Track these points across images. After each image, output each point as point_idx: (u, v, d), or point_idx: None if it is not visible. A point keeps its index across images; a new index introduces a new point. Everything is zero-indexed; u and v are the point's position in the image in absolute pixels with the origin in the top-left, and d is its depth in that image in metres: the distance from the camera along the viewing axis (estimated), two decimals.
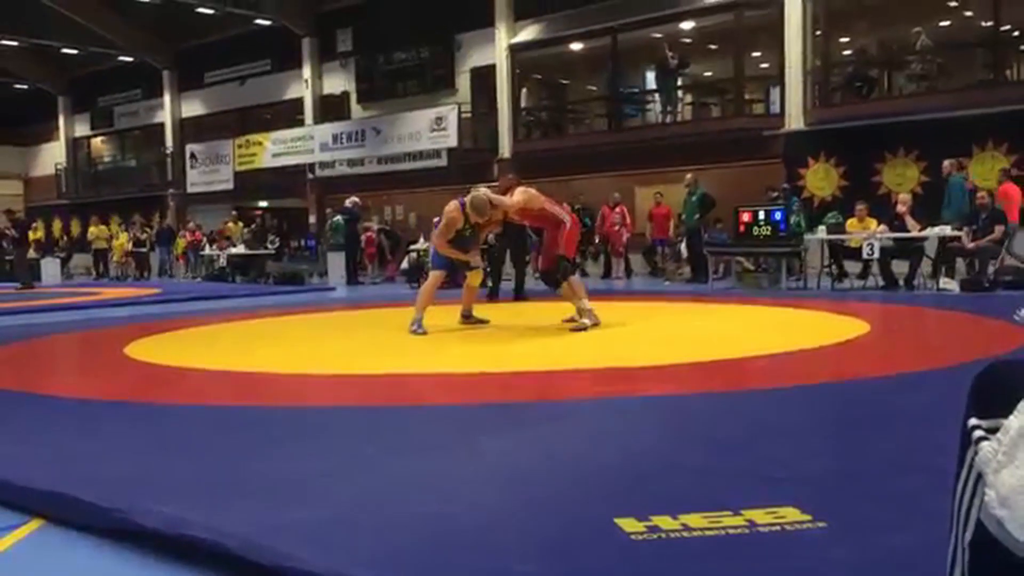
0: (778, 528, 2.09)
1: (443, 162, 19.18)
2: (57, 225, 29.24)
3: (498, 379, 4.84)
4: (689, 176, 14.22)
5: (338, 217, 19.76)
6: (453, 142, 18.91)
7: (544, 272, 7.25)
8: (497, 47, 18.91)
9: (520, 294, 11.00)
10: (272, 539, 2.08)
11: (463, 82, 19.93)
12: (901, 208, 10.85)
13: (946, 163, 11.96)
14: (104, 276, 22.05)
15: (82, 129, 29.81)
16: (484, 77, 19.35)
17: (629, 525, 2.12)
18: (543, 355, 5.68)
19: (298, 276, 17.00)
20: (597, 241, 16.00)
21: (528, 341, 6.58)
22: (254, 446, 3.27)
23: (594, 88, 19.37)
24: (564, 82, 20.40)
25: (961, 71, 14.44)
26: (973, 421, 1.12)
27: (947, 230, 10.48)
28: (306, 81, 22.62)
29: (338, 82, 22.34)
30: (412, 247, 16.33)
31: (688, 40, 17.53)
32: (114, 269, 22.14)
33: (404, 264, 16.88)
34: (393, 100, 20.68)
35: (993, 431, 1.08)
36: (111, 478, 2.75)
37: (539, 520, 2.27)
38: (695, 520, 2.14)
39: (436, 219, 14.77)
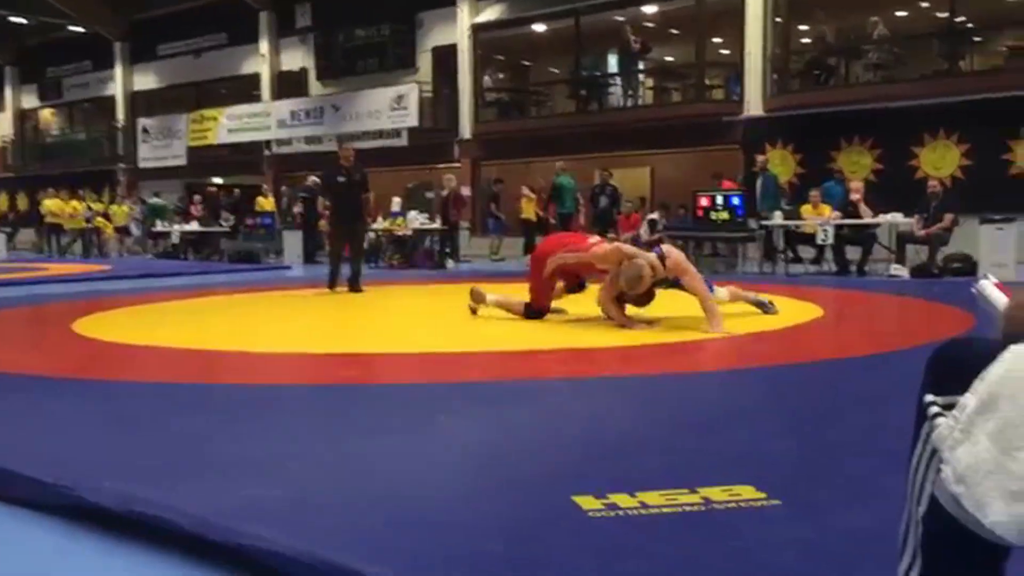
0: (734, 506, 2.11)
1: (403, 142, 19.04)
2: (3, 199, 28.49)
3: (460, 359, 4.82)
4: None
5: (155, 199, 19.86)
6: (414, 122, 18.77)
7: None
8: (459, 27, 18.77)
9: (355, 286, 9.27)
10: (228, 518, 2.04)
11: (424, 61, 19.77)
12: (855, 196, 11.04)
13: (760, 158, 12.91)
14: (55, 252, 21.44)
15: (30, 101, 29.04)
16: (446, 57, 19.21)
17: (587, 503, 2.12)
18: (506, 336, 5.67)
19: (253, 254, 16.77)
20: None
21: (491, 323, 6.57)
22: (208, 424, 3.21)
23: (557, 71, 19.34)
24: (526, 64, 20.34)
25: (917, 61, 14.68)
26: (929, 397, 1.13)
27: (899, 217, 10.67)
28: (263, 56, 22.25)
29: (296, 58, 22.01)
30: (371, 227, 16.20)
31: (651, 24, 17.57)
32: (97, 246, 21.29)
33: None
34: (353, 77, 20.44)
35: (949, 408, 1.09)
36: (57, 456, 2.68)
37: (498, 498, 2.26)
38: (652, 498, 2.15)
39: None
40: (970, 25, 14.53)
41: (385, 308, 8.19)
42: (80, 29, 25.43)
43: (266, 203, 18.10)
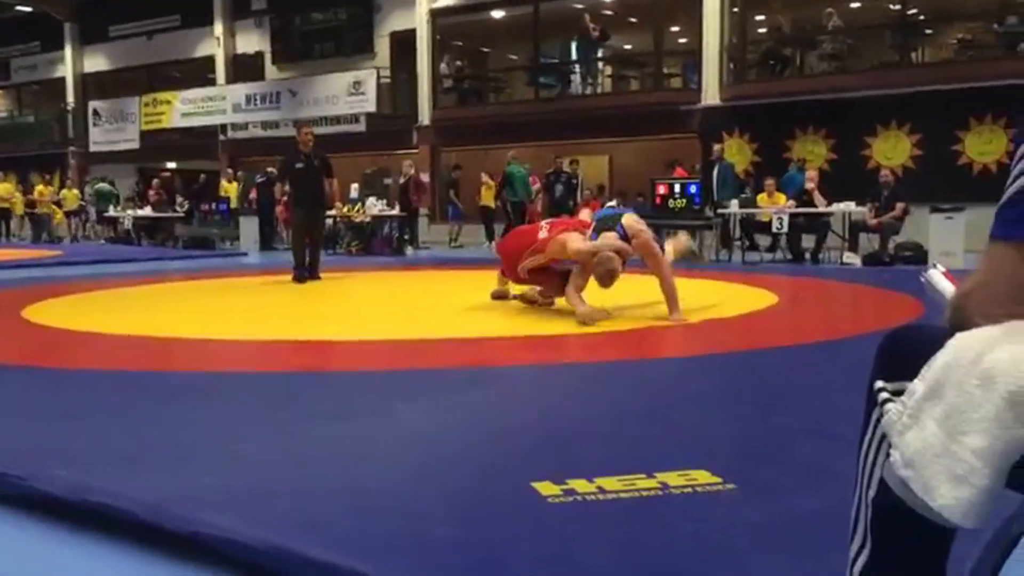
0: (690, 490, 2.14)
1: (361, 127, 18.85)
2: None
3: (418, 345, 4.81)
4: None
5: (102, 184, 19.79)
6: (372, 107, 18.59)
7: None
8: (418, 11, 18.62)
9: (314, 274, 9.00)
10: (183, 506, 2.02)
11: (382, 46, 19.58)
12: (809, 184, 11.21)
13: (716, 147, 13.19)
14: (3, 237, 20.88)
15: None
16: (404, 42, 19.05)
17: (546, 488, 2.14)
18: (466, 323, 5.67)
19: (208, 240, 16.53)
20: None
21: (450, 310, 6.56)
22: (162, 412, 3.17)
23: (515, 57, 19.29)
24: (485, 50, 20.26)
25: (869, 52, 14.92)
26: (879, 383, 1.16)
27: (852, 206, 10.85)
28: (218, 39, 21.85)
29: (252, 41, 21.66)
30: (328, 213, 16.03)
31: (609, 12, 17.60)
32: (59, 230, 20.85)
33: None
34: (309, 62, 20.18)
35: (898, 393, 1.11)
36: (8, 444, 2.63)
37: (457, 485, 2.27)
38: (610, 483, 2.17)
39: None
40: (922, 17, 14.80)
41: (343, 295, 8.14)
42: (28, 9, 24.73)
43: (230, 188, 17.78)
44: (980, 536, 1.73)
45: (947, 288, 1.26)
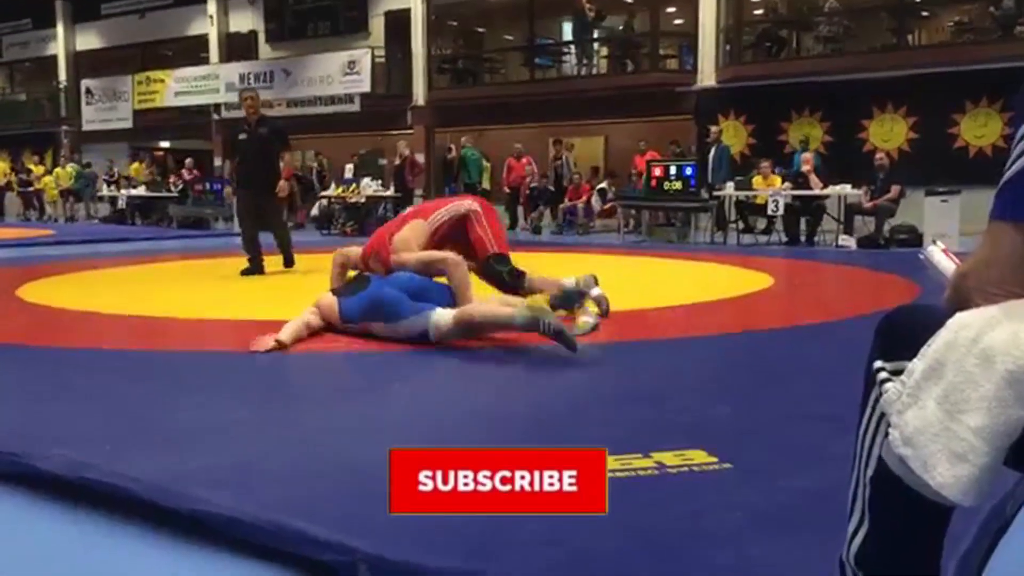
0: (686, 470, 2.15)
1: (355, 107, 18.75)
2: None
3: None
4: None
5: (71, 164, 20.36)
6: (366, 87, 18.49)
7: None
8: None
9: (289, 262, 8.13)
10: (180, 484, 2.03)
11: (377, 26, 19.45)
12: (805, 167, 11.21)
13: (714, 129, 13.23)
14: None
15: None
16: (399, 21, 18.93)
17: None
18: None
19: (203, 220, 16.48)
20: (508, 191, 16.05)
21: None
22: (158, 392, 3.17)
23: (511, 37, 19.18)
24: (480, 31, 20.15)
25: (866, 34, 14.86)
26: (878, 363, 1.16)
27: (847, 189, 10.86)
28: (211, 17, 21.67)
29: (245, 20, 21.48)
30: (323, 194, 15.99)
31: None
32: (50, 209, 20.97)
33: (314, 211, 16.55)
34: (304, 41, 20.04)
35: (897, 373, 1.12)
36: (3, 423, 2.63)
37: None
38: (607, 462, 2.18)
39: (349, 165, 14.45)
40: (918, 0, 14.75)
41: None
42: None
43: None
44: (976, 514, 1.74)
45: (946, 266, 1.26)
